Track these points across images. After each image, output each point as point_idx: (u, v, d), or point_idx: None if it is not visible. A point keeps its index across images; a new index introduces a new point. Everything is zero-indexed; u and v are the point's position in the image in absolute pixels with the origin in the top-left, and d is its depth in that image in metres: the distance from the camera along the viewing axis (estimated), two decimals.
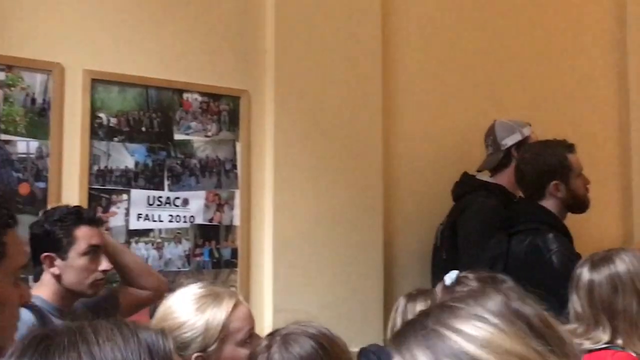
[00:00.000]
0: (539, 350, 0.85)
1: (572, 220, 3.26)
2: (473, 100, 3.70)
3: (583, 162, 3.48)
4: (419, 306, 2.44)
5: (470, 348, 0.84)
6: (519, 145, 3.27)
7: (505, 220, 3.01)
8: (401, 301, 2.53)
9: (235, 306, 1.84)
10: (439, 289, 1.95)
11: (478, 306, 0.88)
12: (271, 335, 1.74)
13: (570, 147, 3.01)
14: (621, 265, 2.39)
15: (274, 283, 3.13)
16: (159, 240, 2.97)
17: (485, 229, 3.05)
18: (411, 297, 2.51)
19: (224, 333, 1.80)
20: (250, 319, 1.87)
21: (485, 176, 3.39)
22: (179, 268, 3.00)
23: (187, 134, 3.06)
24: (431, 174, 3.57)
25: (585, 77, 4.06)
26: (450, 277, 1.90)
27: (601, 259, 2.43)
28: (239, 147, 3.15)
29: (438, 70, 3.66)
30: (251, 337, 1.84)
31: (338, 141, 3.30)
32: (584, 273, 2.43)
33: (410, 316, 2.44)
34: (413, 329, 0.89)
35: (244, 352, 1.78)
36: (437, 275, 3.38)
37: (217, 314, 1.80)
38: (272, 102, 3.18)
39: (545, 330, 0.88)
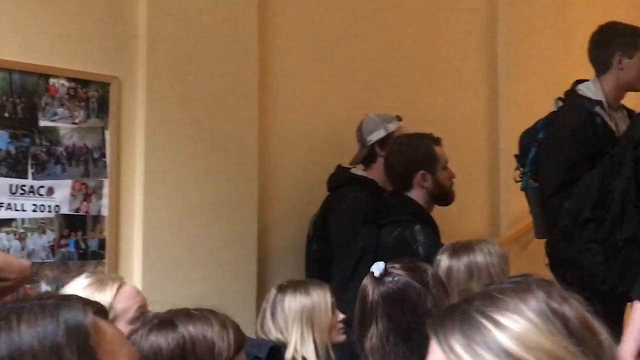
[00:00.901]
0: (570, 350, 0.86)
1: (441, 214, 3.35)
2: (348, 93, 3.74)
3: (453, 157, 3.58)
4: (289, 298, 2.44)
5: (503, 339, 0.86)
6: (383, 141, 3.33)
7: (376, 212, 3.05)
8: (272, 292, 2.52)
9: (119, 287, 1.94)
10: (367, 281, 1.96)
11: (519, 300, 0.90)
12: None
13: (436, 140, 3.09)
14: (480, 254, 2.49)
15: (144, 275, 3.06)
16: (21, 230, 2.85)
17: (356, 223, 3.10)
18: (282, 289, 2.51)
19: (112, 314, 1.86)
20: (137, 297, 1.96)
21: (359, 170, 3.44)
22: (42, 259, 2.89)
23: (53, 121, 2.95)
24: (307, 166, 3.59)
25: (456, 74, 4.17)
26: (378, 268, 1.92)
27: (462, 247, 2.52)
28: (108, 135, 3.06)
29: (314, 63, 3.68)
30: (143, 313, 1.90)
31: (212, 131, 3.27)
32: (444, 259, 2.52)
33: (279, 308, 2.45)
34: (453, 313, 0.91)
35: None
36: (310, 266, 3.42)
37: (103, 299, 1.84)
38: (144, 90, 3.11)
39: (583, 332, 0.90)
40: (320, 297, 2.41)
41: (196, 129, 3.22)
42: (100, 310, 1.08)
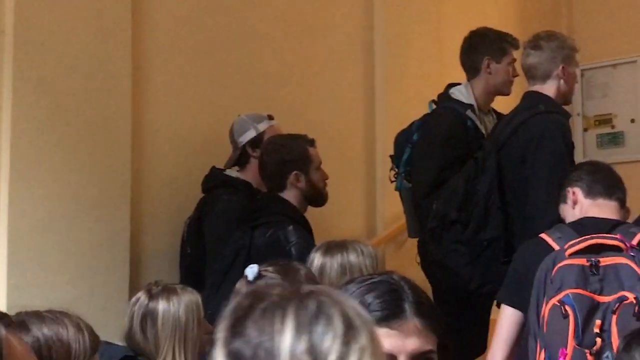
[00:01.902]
0: None
1: (318, 214, 3.37)
2: (225, 94, 3.70)
3: (330, 158, 3.60)
4: (161, 311, 2.30)
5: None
6: (254, 141, 3.32)
7: (249, 213, 3.04)
8: (140, 300, 2.39)
9: None
10: (241, 284, 1.92)
11: None
12: None
13: (310, 141, 3.11)
14: (353, 254, 2.52)
15: (9, 279, 2.93)
16: None
17: (230, 225, 3.08)
18: (152, 297, 2.37)
19: None
20: None
21: (233, 171, 3.41)
22: None
23: None
24: (183, 167, 3.53)
25: (333, 76, 4.20)
26: (251, 271, 1.89)
27: (336, 246, 2.54)
28: None
29: (190, 63, 3.62)
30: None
31: (83, 128, 3.16)
32: (318, 257, 2.54)
33: (149, 322, 2.30)
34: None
35: None
36: (184, 269, 3.36)
37: None
38: (10, 88, 2.98)
39: None
40: (193, 310, 2.29)
41: (65, 126, 3.11)
42: (9, 324, 1.04)
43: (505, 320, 2.45)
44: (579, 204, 2.48)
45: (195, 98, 3.61)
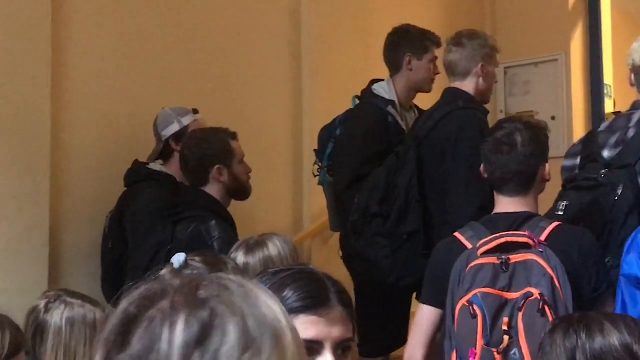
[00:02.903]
0: None
1: (244, 208, 3.37)
2: (150, 86, 3.66)
3: (256, 152, 3.61)
4: (55, 315, 2.20)
5: None
6: (178, 135, 3.30)
7: (171, 208, 3.02)
8: (38, 309, 2.28)
9: None
10: (166, 271, 1.89)
11: None
12: None
13: (232, 134, 3.10)
14: (273, 249, 2.52)
15: None
16: None
17: (152, 219, 3.05)
18: (47, 309, 2.24)
19: None
20: None
21: (157, 165, 3.38)
22: None
23: None
24: (105, 160, 3.47)
25: (260, 71, 4.19)
26: (178, 260, 1.86)
27: (255, 243, 2.54)
28: None
29: (115, 53, 3.57)
30: None
31: (1, 123, 3.09)
32: (240, 257, 2.52)
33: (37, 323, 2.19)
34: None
35: None
36: (105, 264, 3.32)
37: None
38: None
39: None
40: (83, 330, 2.13)
41: None
42: None
43: (424, 319, 2.46)
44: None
45: (118, 90, 3.56)
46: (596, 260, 2.35)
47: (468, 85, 3.19)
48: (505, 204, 2.44)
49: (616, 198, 2.53)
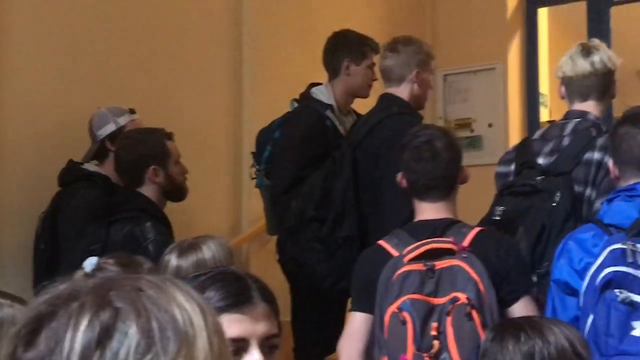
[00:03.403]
0: None
1: (181, 210, 3.34)
2: (85, 86, 3.60)
3: (195, 153, 3.58)
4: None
5: None
6: (113, 135, 3.26)
7: (105, 209, 2.98)
8: None
9: None
10: (78, 275, 1.85)
11: None
12: None
13: (168, 135, 3.07)
14: (207, 252, 2.50)
15: None
16: None
17: (86, 220, 3.00)
18: None
19: None
20: None
21: (92, 166, 3.33)
22: None
23: None
24: (38, 160, 3.42)
25: (200, 73, 4.17)
26: (90, 263, 1.82)
27: (189, 246, 2.51)
28: None
29: (48, 52, 3.51)
30: None
31: None
32: (172, 259, 2.50)
33: None
34: None
35: None
36: (37, 265, 3.26)
37: None
38: None
39: None
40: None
41: None
42: None
43: (358, 326, 2.44)
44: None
45: (53, 89, 3.51)
46: (515, 263, 2.39)
47: (403, 91, 3.23)
48: (428, 211, 2.46)
49: (553, 204, 2.59)
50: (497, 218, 2.68)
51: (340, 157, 3.13)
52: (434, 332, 2.17)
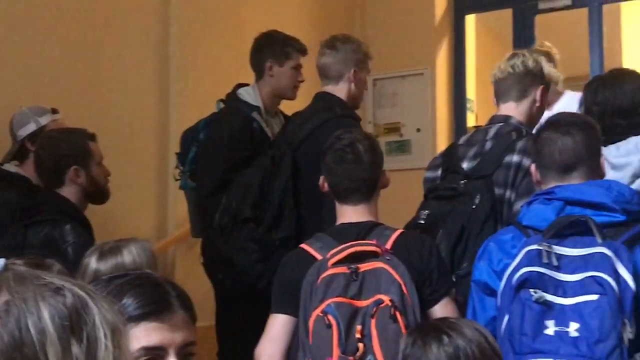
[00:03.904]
0: None
1: (106, 213, 3.27)
2: (4, 85, 3.51)
3: (119, 155, 3.51)
4: None
5: None
6: (34, 135, 3.18)
7: (24, 211, 2.89)
8: None
9: None
10: None
11: None
12: None
13: (91, 135, 3.01)
14: (128, 256, 2.44)
15: None
16: None
17: (3, 222, 2.91)
18: None
19: None
20: None
21: (12, 166, 3.23)
22: None
23: None
24: None
25: (125, 72, 4.10)
26: None
27: (109, 249, 2.45)
28: None
29: None
30: None
31: None
32: (92, 262, 2.44)
33: None
34: None
35: None
36: None
37: None
38: None
39: None
40: None
41: None
42: None
43: (279, 328, 2.41)
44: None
45: None
46: (436, 265, 2.41)
47: (340, 90, 3.22)
48: (350, 214, 2.47)
49: (474, 207, 2.64)
50: (422, 222, 2.72)
51: (279, 158, 3.10)
52: (358, 335, 2.17)
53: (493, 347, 1.72)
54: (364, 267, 2.25)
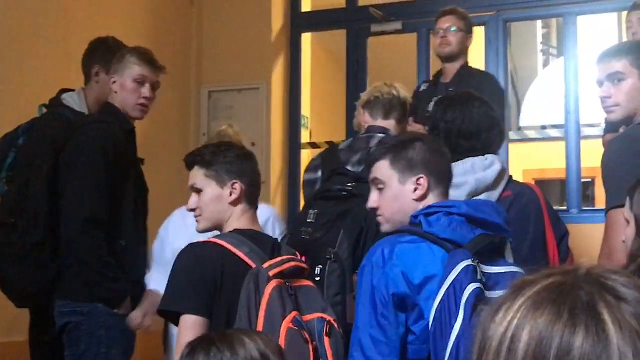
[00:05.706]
0: None
1: None
2: None
3: None
4: None
5: None
6: None
7: None
8: None
9: None
10: None
11: None
12: None
13: None
14: None
15: None
16: None
17: None
18: None
19: None
20: None
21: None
22: None
23: None
24: None
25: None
26: None
27: None
28: None
29: None
30: None
31: None
32: None
33: None
34: None
35: None
36: None
37: None
38: None
39: None
40: None
41: None
42: None
43: (193, 330, 2.22)
44: None
45: None
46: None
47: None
48: (251, 220, 2.51)
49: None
50: (311, 221, 2.86)
51: (41, 162, 3.07)
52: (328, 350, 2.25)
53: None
54: (295, 282, 2.31)
